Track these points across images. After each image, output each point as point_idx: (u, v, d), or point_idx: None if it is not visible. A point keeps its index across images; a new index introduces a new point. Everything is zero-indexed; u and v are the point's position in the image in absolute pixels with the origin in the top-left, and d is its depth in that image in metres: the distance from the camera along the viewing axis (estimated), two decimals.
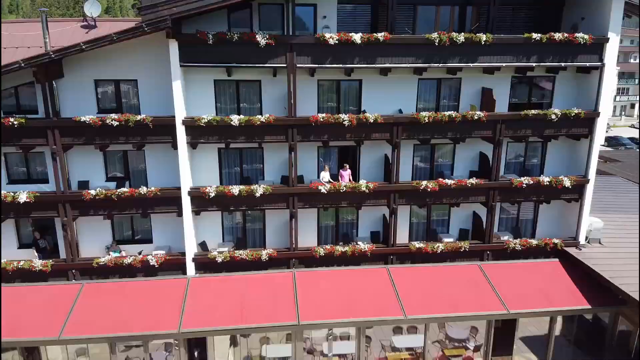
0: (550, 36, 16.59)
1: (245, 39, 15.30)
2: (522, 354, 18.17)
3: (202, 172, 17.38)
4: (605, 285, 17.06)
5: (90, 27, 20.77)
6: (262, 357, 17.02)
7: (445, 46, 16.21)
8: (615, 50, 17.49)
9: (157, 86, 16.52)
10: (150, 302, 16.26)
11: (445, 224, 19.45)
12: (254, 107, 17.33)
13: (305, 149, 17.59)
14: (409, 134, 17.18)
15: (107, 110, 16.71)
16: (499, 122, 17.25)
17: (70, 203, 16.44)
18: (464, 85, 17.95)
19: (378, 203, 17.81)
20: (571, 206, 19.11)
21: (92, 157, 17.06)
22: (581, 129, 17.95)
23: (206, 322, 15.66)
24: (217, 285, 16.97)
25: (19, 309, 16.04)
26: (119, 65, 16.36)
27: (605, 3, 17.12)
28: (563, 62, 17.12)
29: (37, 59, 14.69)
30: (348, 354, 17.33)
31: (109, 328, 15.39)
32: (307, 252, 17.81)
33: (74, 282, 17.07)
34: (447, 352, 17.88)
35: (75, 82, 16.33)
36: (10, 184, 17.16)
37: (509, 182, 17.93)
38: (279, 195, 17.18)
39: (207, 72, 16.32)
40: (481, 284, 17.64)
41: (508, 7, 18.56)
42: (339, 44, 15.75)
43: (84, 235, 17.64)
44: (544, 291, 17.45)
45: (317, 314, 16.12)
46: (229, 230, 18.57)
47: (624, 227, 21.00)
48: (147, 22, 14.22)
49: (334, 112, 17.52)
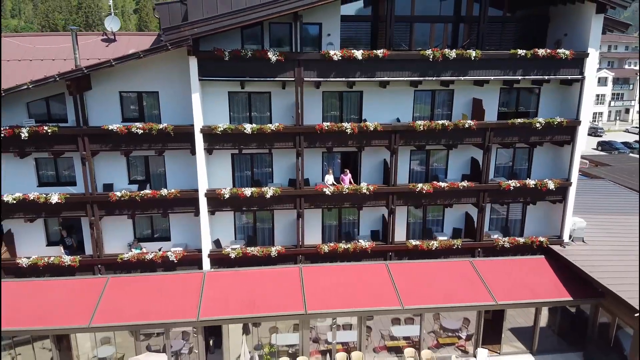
0: (534, 52, 18.23)
1: (258, 56, 16.94)
2: (510, 343, 19.72)
3: (216, 176, 18.98)
4: (586, 279, 18.64)
5: (110, 40, 22.55)
6: (272, 344, 18.60)
7: (438, 61, 17.84)
8: (595, 63, 19.13)
9: (176, 97, 18.17)
10: (171, 294, 17.85)
11: (440, 224, 21.04)
12: (264, 116, 18.94)
13: (310, 154, 19.20)
14: (406, 140, 18.79)
15: (131, 119, 18.35)
16: (488, 130, 18.87)
17: (97, 204, 18.04)
18: (456, 96, 19.57)
19: (378, 204, 19.41)
20: (556, 207, 20.71)
21: (117, 162, 18.68)
22: (564, 136, 19.56)
23: (222, 311, 17.25)
24: (230, 279, 18.57)
25: (50, 300, 17.63)
26: (142, 78, 18.01)
27: (585, 21, 18.74)
28: (546, 76, 18.77)
29: (71, 73, 16.30)
30: (350, 342, 18.88)
31: (134, 317, 16.97)
32: (312, 249, 19.41)
33: (99, 276, 18.66)
34: (441, 340, 19.47)
35: (102, 93, 17.97)
36: (40, 187, 18.79)
37: (497, 185, 19.54)
38: (287, 197, 18.77)
39: (223, 84, 17.95)
40: (472, 278, 19.22)
41: (497, 24, 20.25)
42: (342, 59, 17.39)
43: (107, 233, 19.21)
44: (529, 285, 19.04)
45: (322, 305, 17.71)
46: (241, 229, 20.17)
47: (607, 226, 22.63)
48: (171, 42, 15.85)
49: (337, 120, 19.15)
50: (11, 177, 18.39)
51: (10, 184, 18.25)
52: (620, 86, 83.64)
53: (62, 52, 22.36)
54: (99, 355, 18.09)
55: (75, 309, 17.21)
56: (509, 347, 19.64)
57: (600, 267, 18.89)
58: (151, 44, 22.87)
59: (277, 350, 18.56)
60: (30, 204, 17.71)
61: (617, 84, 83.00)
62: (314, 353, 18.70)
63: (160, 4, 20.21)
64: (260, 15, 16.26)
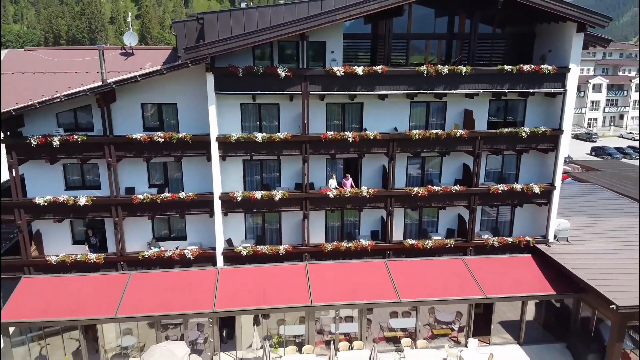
0: (519, 67, 19.98)
1: (268, 72, 18.70)
2: (499, 334, 21.38)
3: (229, 180, 20.67)
4: (569, 276, 20.33)
5: (128, 54, 24.33)
6: (280, 335, 20.27)
7: (432, 76, 19.60)
8: (576, 77, 20.86)
9: (193, 108, 19.92)
10: (188, 288, 19.53)
11: (435, 225, 22.75)
12: (273, 125, 20.67)
13: (315, 161, 20.92)
14: (402, 148, 20.52)
15: (151, 128, 20.10)
16: (478, 139, 20.60)
17: (121, 206, 19.74)
18: (449, 107, 21.31)
19: (377, 206, 21.11)
20: (542, 209, 22.41)
21: (138, 167, 20.40)
22: (548, 144, 21.29)
23: (235, 303, 18.94)
24: (242, 275, 20.26)
25: (78, 294, 19.31)
26: (162, 92, 19.75)
27: (567, 38, 20.50)
28: (531, 89, 20.52)
29: (100, 88, 18.04)
30: (352, 333, 20.54)
31: (155, 308, 18.66)
32: (317, 247, 21.10)
33: (122, 272, 20.34)
34: (435, 331, 21.16)
35: (125, 105, 19.71)
36: (67, 190, 20.51)
37: (487, 189, 21.26)
38: (294, 199, 20.47)
39: (236, 97, 19.69)
40: (464, 275, 20.91)
41: (487, 40, 22.02)
42: (345, 75, 19.14)
43: (128, 233, 20.89)
44: (516, 281, 20.72)
45: (327, 298, 19.40)
46: (251, 229, 21.87)
47: (591, 228, 24.33)
48: (191, 60, 17.60)
49: (340, 130, 20.89)
50: (41, 181, 20.13)
51: (40, 188, 19.98)
52: (615, 93, 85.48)
53: (83, 65, 24.15)
54: (122, 345, 19.75)
55: (101, 302, 18.88)
56: (498, 338, 21.29)
57: (582, 265, 20.57)
58: (166, 57, 24.72)
59: (285, 340, 20.24)
60: (59, 205, 19.42)
61: (611, 91, 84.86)
62: (319, 343, 20.36)
63: (177, 22, 21.94)
64: (271, 36, 18.04)
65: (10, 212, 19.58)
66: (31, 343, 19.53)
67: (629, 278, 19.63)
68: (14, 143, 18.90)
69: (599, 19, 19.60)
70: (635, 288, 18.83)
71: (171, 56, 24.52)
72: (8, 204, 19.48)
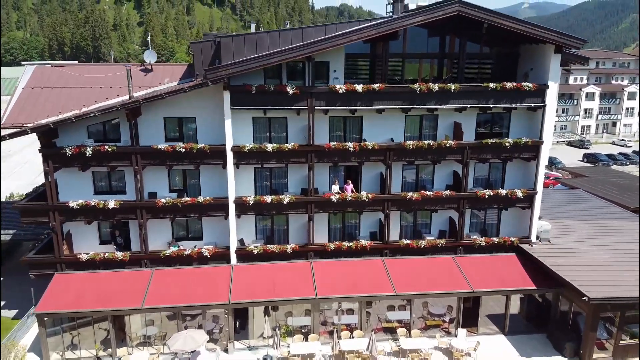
0: (502, 85, 22.26)
1: (278, 90, 21.00)
2: (486, 326, 23.58)
3: (241, 186, 22.89)
4: (549, 272, 22.50)
5: (148, 70, 26.65)
6: (288, 325, 22.45)
7: (424, 93, 21.88)
8: (554, 93, 23.10)
9: (210, 121, 22.19)
10: (206, 283, 21.74)
11: (428, 226, 24.98)
12: (282, 136, 22.92)
13: (319, 168, 23.15)
14: (398, 157, 22.78)
15: (172, 139, 22.36)
16: (466, 148, 22.86)
17: (145, 209, 21.98)
18: (440, 119, 23.58)
19: (375, 209, 23.35)
20: (525, 212, 24.63)
21: (160, 174, 22.63)
22: (530, 154, 23.55)
23: (248, 296, 21.16)
24: (254, 271, 22.49)
25: (107, 288, 21.52)
26: (183, 106, 22.03)
27: (545, 59, 22.81)
28: (514, 104, 22.81)
29: (130, 104, 20.32)
30: (352, 324, 22.71)
31: (177, 300, 20.88)
32: (321, 247, 23.33)
33: (146, 269, 22.55)
34: (428, 323, 23.37)
35: (149, 118, 21.96)
36: (96, 195, 22.74)
37: (474, 194, 23.50)
38: (300, 203, 22.70)
39: (248, 111, 21.95)
40: (454, 271, 23.12)
41: (475, 59, 24.32)
42: (346, 92, 21.43)
43: (150, 233, 23.07)
44: (501, 277, 22.95)
45: (330, 291, 21.62)
46: (261, 230, 24.10)
47: (573, 229, 26.56)
48: (211, 80, 19.91)
49: (342, 140, 23.15)
50: (72, 187, 22.34)
51: (72, 193, 22.19)
52: (608, 101, 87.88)
53: (107, 81, 26.52)
54: (146, 334, 21.93)
55: (128, 295, 21.09)
56: (485, 329, 23.49)
57: (561, 262, 22.79)
58: (182, 73, 27.09)
59: (292, 330, 22.42)
60: (90, 209, 21.66)
61: (604, 99, 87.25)
62: (323, 333, 22.54)
63: (195, 43, 24.28)
64: (281, 59, 20.39)
65: (45, 214, 21.82)
66: (64, 333, 21.66)
67: (602, 274, 21.88)
68: (50, 153, 21.13)
69: (573, 42, 21.92)
70: (606, 282, 21.07)
71: (187, 72, 26.88)
72: (44, 207, 21.73)
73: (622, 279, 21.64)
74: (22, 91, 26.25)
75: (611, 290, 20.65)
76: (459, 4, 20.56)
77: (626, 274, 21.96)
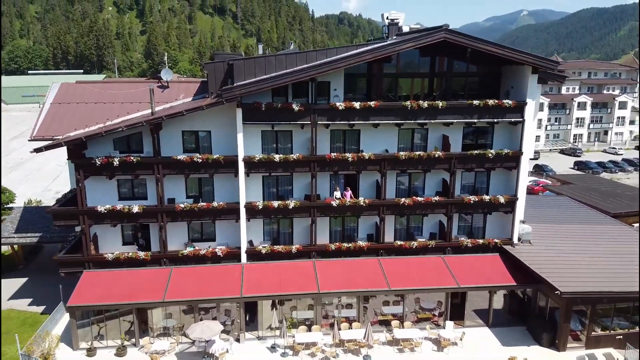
0: (485, 102, 24.87)
1: (285, 107, 23.62)
2: (471, 319, 26.05)
3: (251, 192, 25.41)
4: (528, 270, 24.97)
5: (164, 87, 29.28)
6: (293, 318, 24.93)
7: (415, 109, 24.49)
8: (532, 109, 25.68)
9: (223, 134, 24.75)
10: (219, 279, 24.25)
11: (419, 229, 27.51)
12: (287, 147, 25.48)
13: (321, 176, 25.69)
14: (392, 166, 25.35)
15: (189, 150, 24.91)
16: (453, 159, 25.43)
17: (165, 213, 24.51)
18: (430, 133, 26.17)
19: (372, 213, 25.91)
20: (508, 216, 27.16)
21: (178, 181, 25.19)
22: (511, 163, 26.13)
23: (257, 291, 23.67)
24: (262, 269, 25.00)
25: (131, 284, 24.00)
26: (199, 121, 24.60)
27: (524, 78, 25.43)
28: (495, 119, 25.42)
29: (155, 120, 22.91)
30: (351, 317, 25.18)
31: (195, 295, 23.38)
32: (322, 247, 25.86)
33: (165, 267, 25.05)
34: (420, 316, 25.82)
35: (169, 132, 24.53)
36: (120, 200, 25.25)
37: (461, 199, 26.05)
38: (304, 208, 25.24)
39: (258, 126, 24.53)
40: (442, 269, 25.63)
41: (461, 78, 26.92)
42: (345, 108, 24.04)
43: (168, 235, 25.57)
44: (485, 274, 25.45)
45: (331, 287, 24.13)
46: (268, 232, 26.63)
47: (553, 232, 29.12)
48: (226, 99, 22.52)
49: (341, 151, 25.70)
50: (100, 193, 24.83)
51: (100, 198, 24.70)
52: (599, 110, 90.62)
53: (127, 97, 29.20)
54: (166, 325, 24.39)
55: (151, 290, 23.59)
56: (471, 322, 25.96)
57: (539, 261, 25.30)
58: (196, 89, 29.78)
59: (297, 322, 24.89)
60: (116, 213, 24.19)
61: (596, 108, 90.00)
62: (325, 325, 25.00)
63: (208, 63, 26.88)
64: (288, 80, 23.06)
65: (75, 218, 24.37)
66: (92, 325, 24.08)
67: (575, 272, 24.43)
68: (82, 163, 23.68)
69: (548, 64, 24.59)
70: (578, 279, 23.60)
71: (200, 88, 29.58)
72: (74, 211, 24.27)
73: (594, 276, 24.19)
74: (51, 106, 28.93)
75: (582, 285, 23.18)
76: (445, 31, 23.23)
77: (598, 272, 24.54)
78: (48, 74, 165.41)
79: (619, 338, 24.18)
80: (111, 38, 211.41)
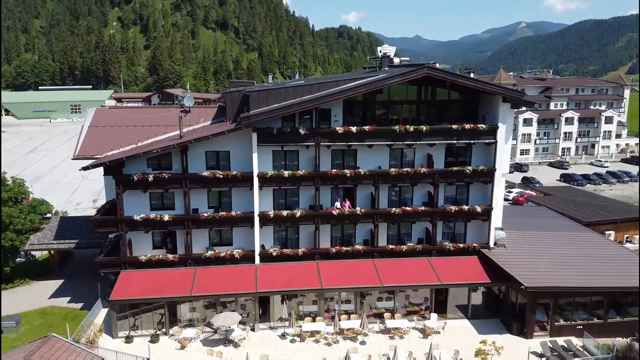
0: (462, 126, 29.26)
1: (293, 131, 28.04)
2: (453, 312, 30.21)
3: (263, 203, 29.68)
4: (501, 270, 29.17)
5: (186, 111, 33.68)
6: (299, 311, 29.10)
7: (403, 133, 28.88)
8: (504, 132, 30.02)
9: (240, 153, 29.06)
10: (237, 278, 28.45)
11: (408, 235, 31.77)
12: (294, 164, 29.79)
13: (323, 189, 29.98)
14: (384, 180, 29.68)
15: (211, 167, 29.22)
16: (436, 174, 29.78)
17: (191, 221, 28.79)
18: (417, 152, 30.53)
19: (367, 221, 30.20)
20: (485, 224, 31.41)
21: (201, 194, 29.47)
22: (486, 178, 30.46)
23: (270, 287, 27.89)
24: (273, 269, 29.23)
25: (161, 281, 28.19)
26: (220, 143, 28.94)
27: (496, 106, 29.83)
28: (472, 140, 29.81)
29: (184, 142, 27.26)
30: (349, 310, 29.36)
31: (216, 290, 27.60)
32: (325, 250, 30.10)
33: (190, 267, 29.26)
34: (409, 309, 29.99)
35: (195, 152, 28.86)
36: (152, 210, 29.51)
37: (444, 209, 30.34)
38: (309, 216, 29.52)
39: (270, 146, 28.88)
40: (428, 269, 29.85)
41: (444, 103, 31.31)
42: (344, 132, 28.42)
43: (192, 240, 29.80)
44: (465, 273, 29.65)
45: (332, 284, 28.35)
46: (278, 238, 30.87)
47: (527, 238, 33.35)
48: (244, 125, 26.93)
49: (341, 168, 30.01)
50: (135, 204, 29.07)
51: (135, 209, 28.93)
52: (586, 124, 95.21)
53: (156, 120, 33.60)
54: (192, 317, 28.57)
55: (179, 287, 27.79)
56: (453, 314, 30.12)
57: (511, 262, 29.50)
58: (214, 113, 34.19)
59: (303, 314, 29.05)
60: (150, 221, 28.47)
61: (583, 123, 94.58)
62: (327, 317, 29.16)
63: (226, 92, 31.37)
64: (296, 109, 27.51)
65: (114, 225, 28.64)
66: (129, 318, 28.22)
67: (541, 270, 28.62)
68: (121, 179, 27.99)
69: (514, 94, 29.12)
70: (542, 276, 27.80)
71: (217, 113, 34.03)
72: (114, 220, 28.54)
73: (556, 273, 28.40)
74: (89, 129, 33.44)
75: (544, 281, 27.39)
76: (427, 68, 27.75)
77: (560, 270, 28.74)
78: (58, 89, 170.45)
79: (579, 328, 28.25)
80: (117, 53, 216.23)
